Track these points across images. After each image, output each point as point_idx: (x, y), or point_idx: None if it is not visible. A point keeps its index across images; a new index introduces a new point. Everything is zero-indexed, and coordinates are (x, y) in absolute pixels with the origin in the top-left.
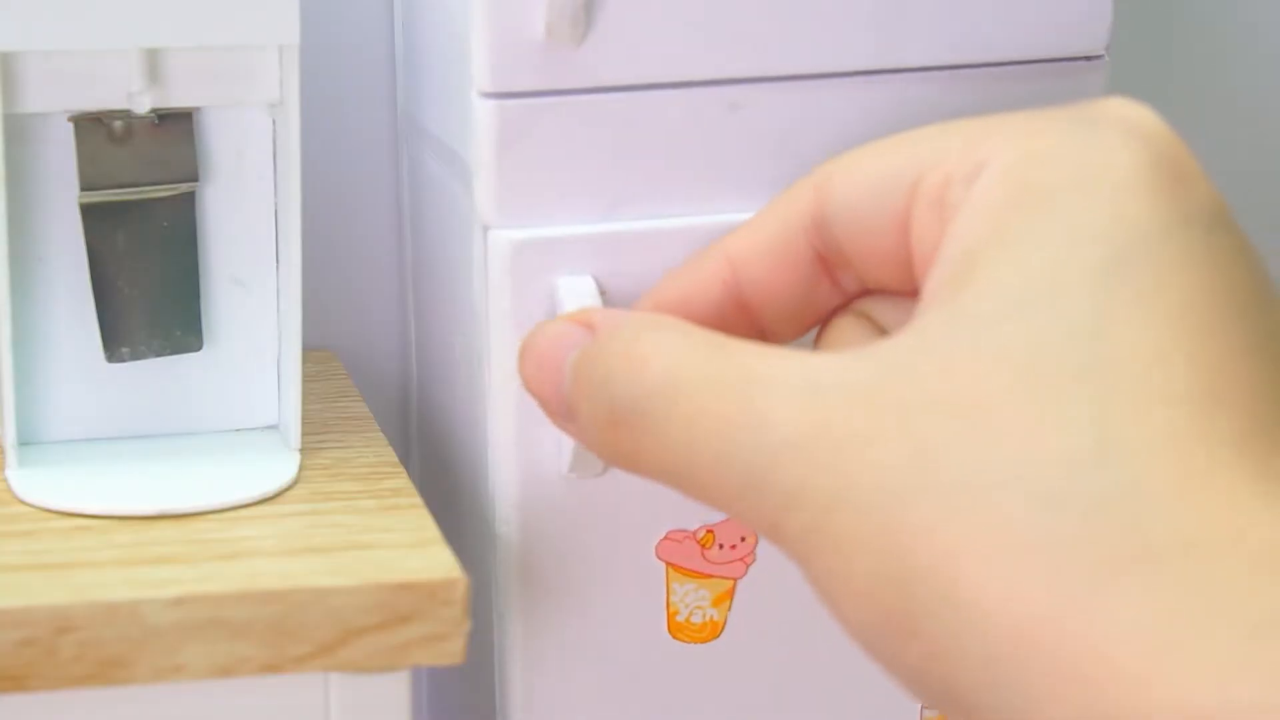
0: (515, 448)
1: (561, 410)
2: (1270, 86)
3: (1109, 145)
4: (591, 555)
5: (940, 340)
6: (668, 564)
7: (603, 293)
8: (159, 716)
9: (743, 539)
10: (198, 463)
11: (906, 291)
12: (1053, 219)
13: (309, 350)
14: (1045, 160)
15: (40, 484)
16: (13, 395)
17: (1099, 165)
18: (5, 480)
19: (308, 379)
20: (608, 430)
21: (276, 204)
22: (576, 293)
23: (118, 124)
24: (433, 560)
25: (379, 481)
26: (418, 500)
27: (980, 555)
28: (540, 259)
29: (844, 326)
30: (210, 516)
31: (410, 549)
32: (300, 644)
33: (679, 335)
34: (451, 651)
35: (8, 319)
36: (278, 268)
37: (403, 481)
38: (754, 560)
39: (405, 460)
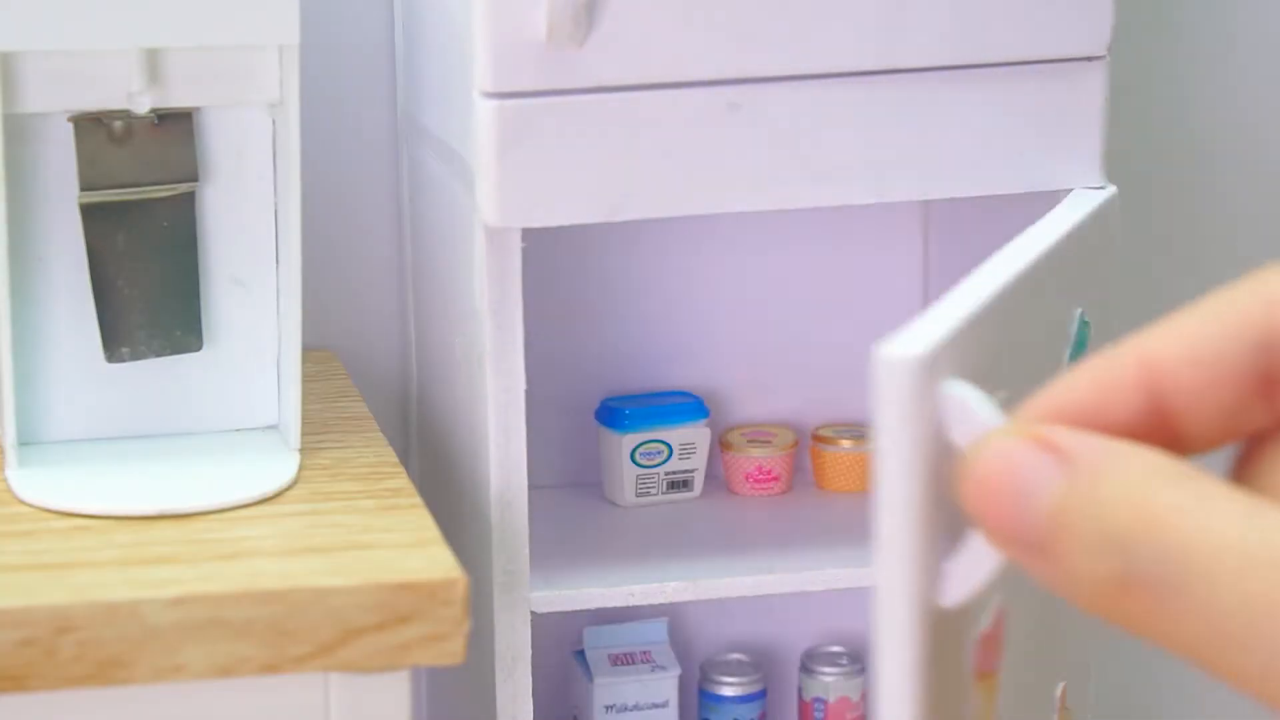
0: None
1: (1030, 546)
2: (1270, 86)
3: None
4: None
5: None
6: None
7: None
8: (159, 716)
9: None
10: (198, 463)
11: None
12: None
13: (309, 350)
14: None
15: (40, 484)
16: (13, 395)
17: None
18: (5, 480)
19: (308, 379)
20: (1117, 593)
21: (276, 204)
22: (974, 406)
23: (118, 124)
24: (433, 560)
25: (379, 481)
26: (418, 500)
27: None
28: (926, 373)
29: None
30: (210, 516)
31: (410, 549)
32: (300, 644)
33: (1194, 489)
34: (451, 651)
35: (7, 319)
36: (278, 268)
37: (403, 481)
38: None
39: (405, 460)
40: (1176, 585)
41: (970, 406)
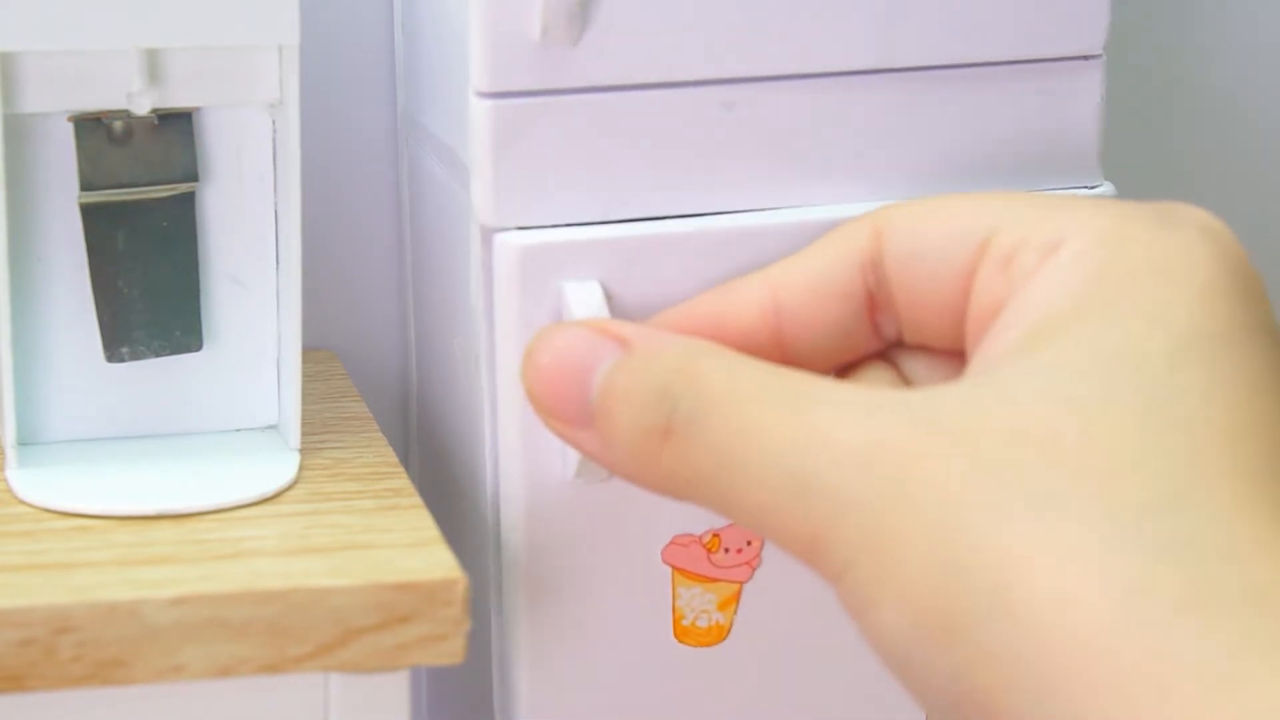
0: (521, 453)
1: (578, 418)
2: (1270, 86)
3: (1189, 243)
4: (597, 560)
5: (1012, 385)
6: (673, 568)
7: (609, 298)
8: (159, 716)
9: (749, 543)
10: (198, 463)
11: (944, 348)
12: (1134, 299)
13: (309, 350)
14: (1129, 244)
15: (40, 484)
16: (13, 395)
17: (1179, 259)
18: (5, 480)
19: (308, 379)
20: (658, 443)
21: (276, 204)
22: (584, 298)
23: (118, 124)
24: (432, 560)
25: (378, 481)
26: (417, 500)
27: (1043, 566)
28: (547, 263)
29: (872, 372)
30: (210, 516)
31: (410, 549)
32: (300, 644)
33: (736, 356)
34: (451, 651)
35: (7, 319)
36: (278, 268)
37: (402, 481)
38: (760, 564)
39: (405, 460)
40: (699, 422)
41: (570, 303)
